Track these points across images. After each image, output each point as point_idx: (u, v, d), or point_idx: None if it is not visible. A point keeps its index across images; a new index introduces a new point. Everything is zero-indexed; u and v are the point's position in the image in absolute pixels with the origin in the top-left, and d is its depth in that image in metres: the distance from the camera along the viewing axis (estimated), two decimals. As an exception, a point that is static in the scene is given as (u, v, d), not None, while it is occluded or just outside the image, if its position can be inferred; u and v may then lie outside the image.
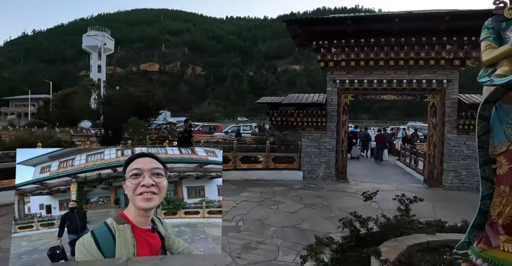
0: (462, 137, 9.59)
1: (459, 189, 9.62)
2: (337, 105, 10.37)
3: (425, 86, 9.63)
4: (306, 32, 9.56)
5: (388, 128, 29.61)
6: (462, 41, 8.92)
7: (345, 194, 8.78)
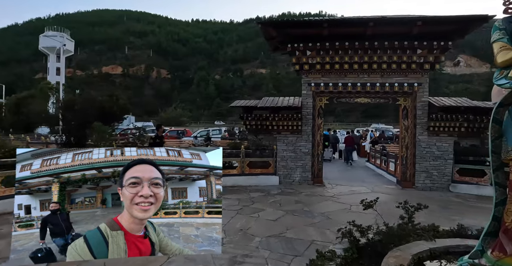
0: (433, 139, 9.86)
1: (430, 189, 9.87)
2: (312, 109, 10.31)
3: (397, 89, 9.82)
4: (281, 35, 9.42)
5: (355, 130, 30.41)
6: (431, 46, 9.19)
7: (324, 198, 8.67)
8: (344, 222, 6.34)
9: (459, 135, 9.83)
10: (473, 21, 8.58)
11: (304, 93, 10.30)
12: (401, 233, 3.44)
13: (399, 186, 10.31)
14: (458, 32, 9.12)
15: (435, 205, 8.15)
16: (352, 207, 7.70)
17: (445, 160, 9.86)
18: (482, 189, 9.49)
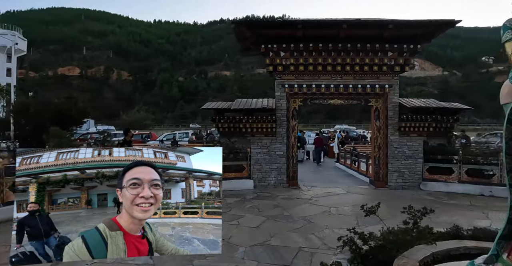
0: (404, 139, 10.09)
1: (402, 188, 10.07)
2: (286, 110, 10.17)
3: (369, 91, 9.94)
4: (254, 35, 9.19)
5: (322, 131, 30.95)
6: (402, 48, 9.40)
7: (302, 201, 8.52)
8: (327, 226, 6.25)
9: (427, 134, 10.14)
10: (440, 25, 8.88)
11: (278, 94, 10.13)
12: (404, 238, 3.27)
13: (372, 185, 10.44)
14: (426, 36, 9.41)
15: (411, 204, 8.28)
16: (331, 209, 7.61)
17: (416, 159, 10.12)
18: (450, 186, 9.84)
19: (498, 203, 8.47)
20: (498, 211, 7.73)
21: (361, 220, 6.67)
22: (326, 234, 5.68)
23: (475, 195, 9.41)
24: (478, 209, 7.85)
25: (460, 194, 9.51)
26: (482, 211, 7.70)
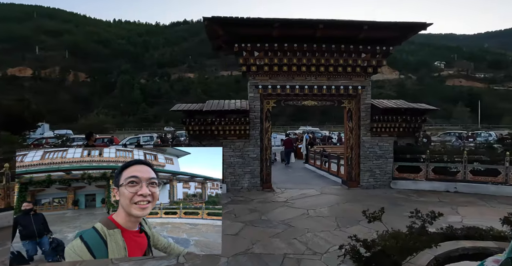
0: (375, 139, 10.26)
1: (374, 187, 10.23)
2: (260, 112, 9.96)
3: (343, 92, 10.00)
4: (228, 33, 8.89)
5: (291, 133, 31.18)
6: (375, 50, 9.54)
7: (278, 204, 8.32)
8: (308, 229, 6.08)
9: (397, 134, 10.39)
10: (412, 28, 9.12)
11: (251, 96, 9.90)
12: (407, 244, 3.13)
13: (345, 186, 10.51)
14: (397, 38, 9.63)
15: (385, 202, 8.37)
16: (309, 211, 7.48)
17: (386, 159, 10.32)
18: (418, 184, 10.15)
19: (463, 199, 8.85)
20: (465, 206, 8.04)
21: (340, 221, 6.62)
22: (309, 238, 5.51)
23: (441, 192, 9.76)
24: (447, 205, 8.10)
25: (427, 191, 9.82)
26: (451, 207, 7.95)
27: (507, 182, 9.44)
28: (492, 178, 9.64)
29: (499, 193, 9.29)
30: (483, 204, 8.28)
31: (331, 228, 6.09)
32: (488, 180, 9.67)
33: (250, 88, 9.90)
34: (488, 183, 9.60)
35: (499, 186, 9.42)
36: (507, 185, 9.39)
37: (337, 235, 5.63)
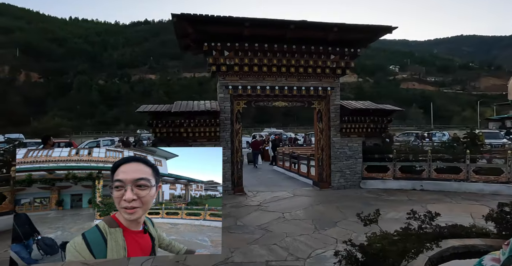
0: (345, 140, 10.37)
1: (345, 188, 10.32)
2: (230, 113, 9.69)
3: (313, 93, 10.00)
4: (197, 32, 8.54)
5: (257, 135, 31.13)
6: (343, 52, 9.64)
7: (252, 209, 8.08)
8: (286, 234, 5.88)
9: (365, 135, 10.57)
10: (379, 31, 9.32)
11: (221, 96, 9.61)
12: (403, 246, 3.02)
13: (317, 187, 10.51)
14: (365, 41, 9.81)
15: (357, 202, 8.46)
16: (285, 214, 7.32)
17: (356, 159, 10.47)
18: (387, 183, 10.40)
19: (429, 196, 9.16)
20: (434, 203, 8.29)
21: (318, 224, 6.51)
22: (289, 243, 5.32)
23: (408, 190, 10.05)
24: (416, 203, 8.30)
25: (395, 190, 10.07)
26: (421, 204, 8.15)
27: (468, 179, 9.92)
28: (455, 176, 10.09)
29: (461, 189, 9.73)
30: (449, 200, 8.61)
31: (310, 231, 5.96)
32: (451, 177, 10.11)
33: (220, 89, 9.61)
34: (451, 180, 10.03)
35: (461, 183, 9.87)
36: (468, 182, 9.86)
37: (317, 238, 5.51)
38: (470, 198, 8.90)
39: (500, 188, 9.45)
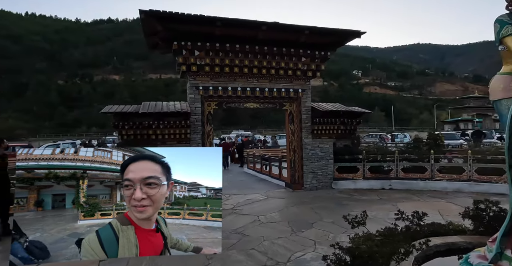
0: (316, 141, 10.44)
1: (317, 188, 10.38)
2: (201, 114, 9.42)
3: (284, 94, 9.99)
4: (167, 30, 8.22)
5: (226, 137, 30.86)
6: (314, 55, 9.72)
7: (226, 212, 7.85)
8: (264, 237, 5.72)
9: (336, 136, 10.72)
10: (349, 34, 9.49)
11: (192, 97, 9.32)
12: (391, 246, 2.97)
13: (289, 188, 10.49)
14: (334, 44, 9.95)
15: (330, 203, 8.52)
16: (260, 217, 7.18)
17: (327, 160, 10.57)
18: (357, 183, 10.59)
19: (398, 195, 9.42)
20: (403, 202, 8.52)
21: (294, 226, 6.43)
22: (267, 247, 5.19)
23: (378, 189, 10.30)
24: (387, 202, 8.51)
25: (366, 190, 10.28)
26: (391, 203, 8.35)
27: (432, 178, 10.34)
28: (420, 175, 10.49)
29: (427, 187, 10.11)
30: (417, 199, 8.89)
31: (287, 233, 5.86)
32: (417, 176, 10.49)
33: (190, 90, 9.32)
34: (417, 179, 10.41)
35: (427, 182, 10.26)
36: (433, 180, 10.27)
37: (295, 241, 5.42)
38: (435, 195, 9.26)
39: (462, 185, 9.93)
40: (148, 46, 9.89)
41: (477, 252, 2.63)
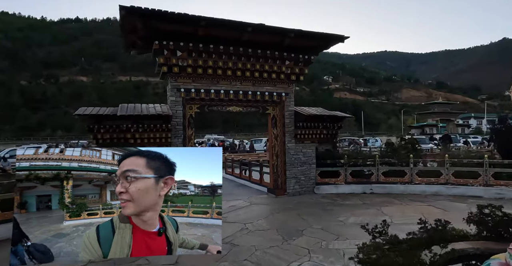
0: (299, 146, 10.34)
1: (299, 194, 10.26)
2: (182, 118, 9.05)
3: (267, 98, 9.82)
4: (148, 28, 7.80)
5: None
6: (298, 58, 9.63)
7: (209, 219, 7.55)
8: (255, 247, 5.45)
9: (318, 141, 10.67)
10: (333, 39, 9.49)
11: (173, 99, 8.93)
12: (410, 254, 2.81)
13: (272, 194, 10.29)
14: (319, 48, 9.93)
15: (315, 208, 8.40)
16: (247, 225, 6.91)
17: (310, 165, 10.49)
18: (339, 188, 10.59)
19: (380, 199, 9.47)
20: (386, 206, 8.55)
21: (283, 233, 6.21)
22: (260, 257, 4.93)
23: (359, 194, 10.34)
24: (371, 206, 8.51)
25: (348, 194, 10.28)
26: (376, 208, 8.36)
27: (412, 181, 10.52)
28: (400, 178, 10.64)
29: (406, 191, 10.27)
30: (399, 202, 8.97)
31: (278, 242, 5.64)
32: (397, 180, 10.64)
33: (171, 92, 8.93)
34: (397, 183, 10.55)
35: (407, 185, 10.43)
36: (412, 184, 10.45)
37: (287, 250, 5.21)
38: (415, 199, 9.40)
39: (440, 188, 10.17)
40: (124, 45, 9.40)
41: (497, 260, 2.53)
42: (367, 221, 7.03)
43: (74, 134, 61.94)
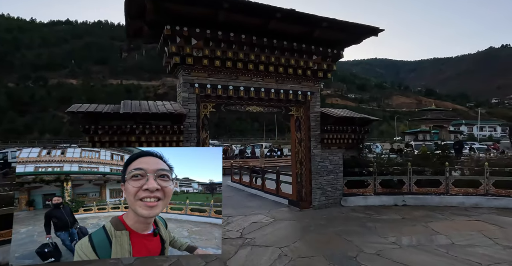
0: (326, 152, 9.11)
1: (326, 206, 9.01)
2: (196, 118, 7.73)
3: (292, 97, 8.58)
4: (158, 10, 6.50)
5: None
6: (326, 52, 8.45)
7: (235, 244, 6.14)
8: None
9: (345, 146, 9.48)
10: (368, 31, 8.30)
11: (185, 96, 7.61)
12: None
13: (295, 207, 9.01)
14: (348, 42, 8.76)
15: (353, 225, 7.17)
16: (283, 250, 5.57)
17: (337, 174, 9.27)
18: (368, 199, 9.39)
19: (417, 212, 8.33)
20: (431, 221, 7.40)
21: (337, 263, 4.94)
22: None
23: (391, 206, 9.18)
24: (415, 222, 7.35)
25: (379, 207, 9.10)
26: (421, 224, 7.20)
27: (448, 192, 9.39)
28: (435, 189, 9.51)
29: (442, 203, 9.14)
30: (443, 217, 7.80)
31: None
32: (431, 191, 9.50)
33: (183, 87, 7.61)
34: (431, 194, 9.41)
35: (442, 196, 9.29)
36: (448, 195, 9.32)
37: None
38: (457, 212, 8.28)
39: (479, 200, 9.07)
40: (129, 34, 8.07)
41: None
42: (423, 242, 5.87)
43: (62, 138, 59.78)
